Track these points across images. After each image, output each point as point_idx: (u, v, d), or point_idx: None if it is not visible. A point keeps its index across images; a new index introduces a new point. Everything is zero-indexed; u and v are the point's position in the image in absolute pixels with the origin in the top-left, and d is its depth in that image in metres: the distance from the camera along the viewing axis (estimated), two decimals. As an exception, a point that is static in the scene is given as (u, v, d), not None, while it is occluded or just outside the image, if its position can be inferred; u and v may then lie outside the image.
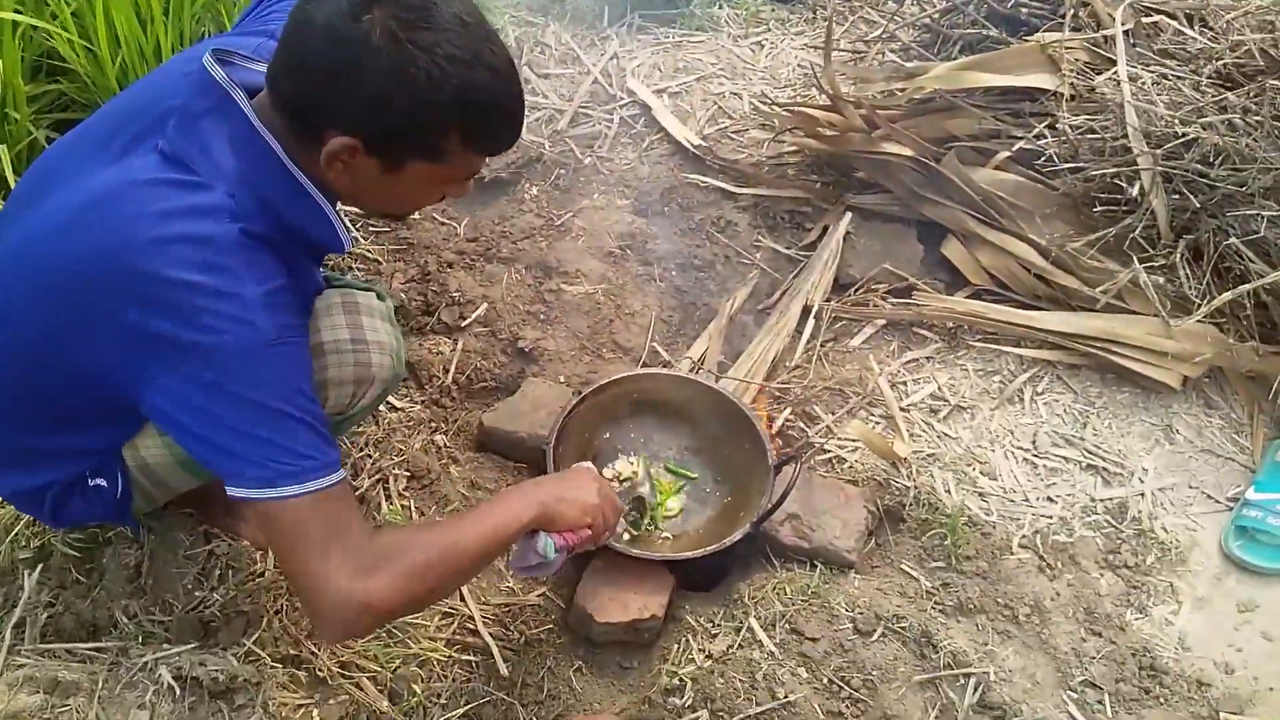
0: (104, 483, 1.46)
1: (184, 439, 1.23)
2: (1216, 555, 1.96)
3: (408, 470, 1.94)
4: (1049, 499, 2.04)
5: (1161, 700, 1.73)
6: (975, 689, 1.70)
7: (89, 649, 1.58)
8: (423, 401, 2.07)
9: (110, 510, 1.49)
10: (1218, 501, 2.04)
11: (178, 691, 1.48)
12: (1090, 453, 2.11)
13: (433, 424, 2.04)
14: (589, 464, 1.71)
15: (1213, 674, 1.79)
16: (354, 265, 2.31)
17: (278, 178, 1.24)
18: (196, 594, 1.68)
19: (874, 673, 1.71)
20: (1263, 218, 2.12)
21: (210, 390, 1.16)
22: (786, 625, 1.78)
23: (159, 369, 1.17)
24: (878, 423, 2.14)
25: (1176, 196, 2.21)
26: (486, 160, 1.31)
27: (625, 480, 1.94)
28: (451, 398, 2.10)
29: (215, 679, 1.51)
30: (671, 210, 2.52)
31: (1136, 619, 1.85)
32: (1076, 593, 1.88)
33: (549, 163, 2.61)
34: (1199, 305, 2.14)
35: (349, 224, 1.33)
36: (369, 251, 2.32)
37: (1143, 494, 2.04)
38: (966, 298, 2.35)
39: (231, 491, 1.20)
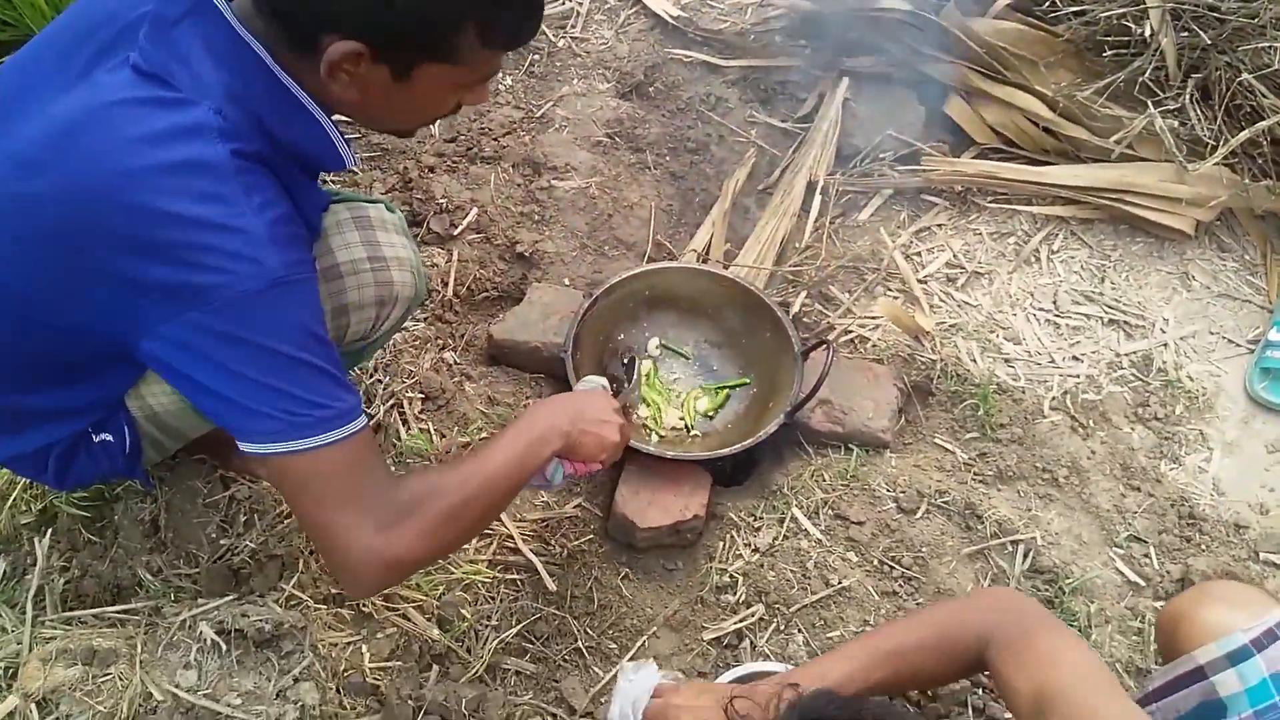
0: (110, 437, 1.35)
1: (187, 390, 1.11)
2: (1242, 399, 1.96)
3: (421, 392, 1.84)
4: (1074, 358, 2.01)
5: (1203, 547, 1.75)
6: (1025, 555, 1.70)
7: (118, 612, 1.50)
8: (425, 319, 1.96)
9: (120, 465, 1.39)
10: (1238, 345, 2.04)
11: (223, 646, 1.41)
12: (1110, 307, 2.08)
13: (440, 341, 1.94)
14: (602, 385, 1.58)
15: (1249, 516, 1.81)
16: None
17: (268, 89, 1.09)
18: (222, 542, 1.60)
19: (923, 549, 1.70)
20: (1275, 50, 2.04)
21: (215, 336, 1.04)
22: (830, 511, 1.75)
23: (158, 316, 1.05)
24: (895, 296, 2.08)
25: (1185, 34, 2.13)
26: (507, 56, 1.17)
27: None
28: (455, 311, 1.99)
29: (260, 628, 1.44)
30: (657, 90, 2.38)
31: (1171, 469, 1.86)
32: (1111, 449, 1.87)
33: (521, 49, 2.42)
34: (1212, 147, 2.08)
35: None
36: (343, 162, 2.16)
37: (1165, 344, 2.03)
38: (973, 158, 2.27)
39: (243, 446, 1.10)
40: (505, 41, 1.11)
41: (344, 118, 1.22)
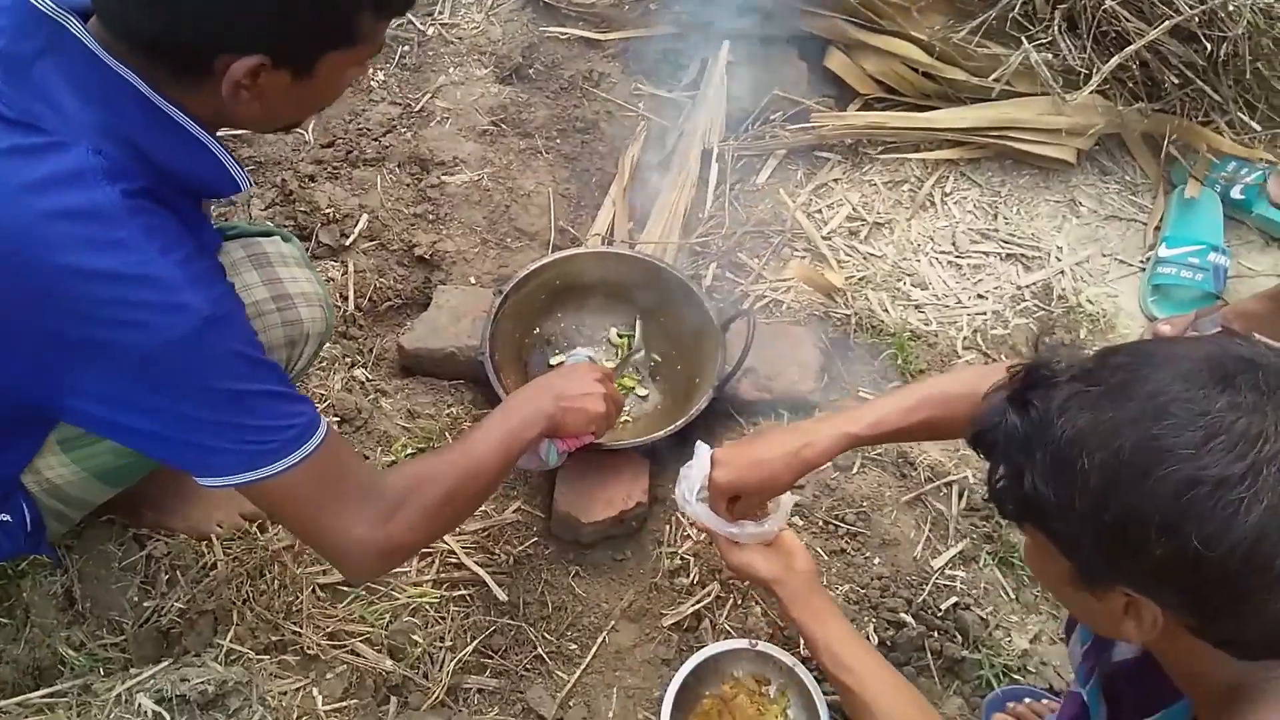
0: (9, 518, 1.25)
1: (134, 441, 1.06)
2: (1140, 316, 2.05)
3: (336, 415, 1.76)
4: (979, 296, 2.06)
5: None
6: (960, 496, 1.74)
7: (43, 698, 1.39)
8: (330, 337, 1.87)
9: (23, 544, 1.29)
10: (1130, 265, 2.12)
11: (165, 716, 1.33)
12: (1006, 242, 2.14)
13: (348, 359, 1.86)
14: (589, 356, 1.65)
15: (1158, 428, 1.89)
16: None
17: (147, 120, 1.00)
18: (145, 605, 1.51)
19: (864, 504, 1.72)
20: (1133, -25, 2.11)
21: (154, 387, 0.99)
22: (769, 479, 1.76)
23: (85, 375, 0.99)
24: (803, 257, 2.09)
25: (1048, -34, 2.18)
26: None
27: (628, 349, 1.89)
28: (359, 326, 1.91)
29: (202, 691, 1.36)
30: (538, 72, 2.31)
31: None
32: (1025, 381, 1.93)
33: (388, 40, 2.32)
34: (1085, 76, 2.14)
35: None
36: (216, 182, 2.03)
37: (1062, 272, 2.09)
38: (859, 110, 2.28)
39: (206, 482, 1.06)
40: (396, 8, 1.06)
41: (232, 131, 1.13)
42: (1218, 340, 0.82)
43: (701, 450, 1.35)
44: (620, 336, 1.92)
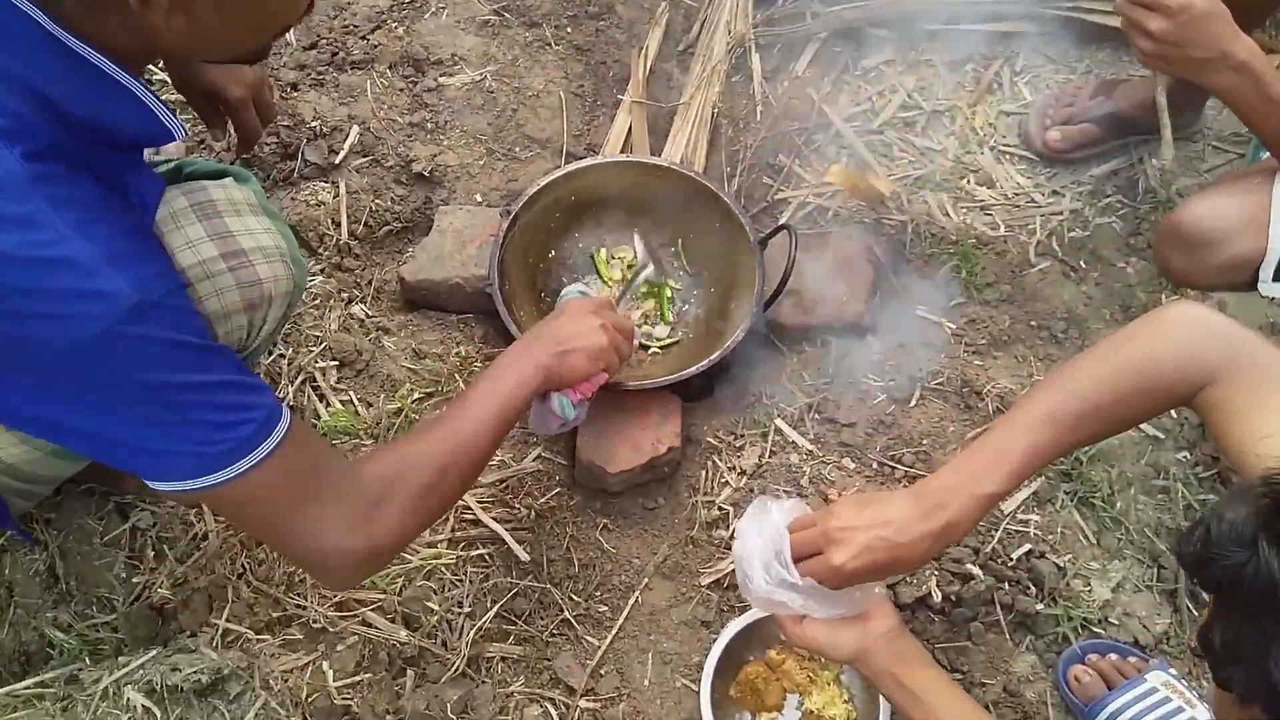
0: None
1: (74, 443, 0.93)
2: (1239, 210, 1.79)
3: (334, 359, 1.59)
4: (1054, 193, 1.81)
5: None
6: (1034, 429, 1.54)
7: (29, 688, 1.28)
8: (322, 270, 1.68)
9: (-15, 523, 1.16)
10: (1227, 151, 1.85)
11: (157, 712, 1.21)
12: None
13: (344, 294, 1.67)
14: (580, 290, 1.45)
15: (1260, 340, 1.66)
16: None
17: (53, 61, 0.82)
18: (135, 580, 1.38)
19: (923, 441, 1.54)
20: None
21: (82, 386, 0.84)
22: (816, 415, 1.58)
23: (3, 375, 0.85)
24: (851, 154, 1.84)
25: None
26: None
27: (631, 269, 1.68)
28: (355, 255, 1.72)
29: (197, 680, 1.24)
30: (543, -52, 2.03)
31: (1173, 300, 1.70)
32: (1107, 290, 1.70)
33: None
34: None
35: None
36: (188, 96, 1.82)
37: (1146, 160, 1.82)
38: (913, -23, 1.98)
39: (159, 487, 0.92)
40: None
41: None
42: None
43: (777, 514, 1.07)
44: (611, 259, 1.70)
